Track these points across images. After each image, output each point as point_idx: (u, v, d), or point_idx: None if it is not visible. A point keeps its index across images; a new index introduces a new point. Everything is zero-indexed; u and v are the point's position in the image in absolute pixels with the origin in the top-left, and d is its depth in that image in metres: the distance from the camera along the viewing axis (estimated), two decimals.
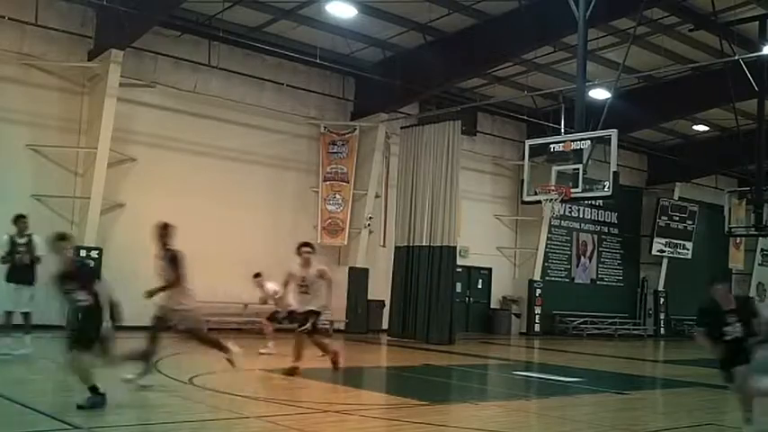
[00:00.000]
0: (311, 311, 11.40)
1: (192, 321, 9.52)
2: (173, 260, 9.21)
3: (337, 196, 21.68)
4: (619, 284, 30.16)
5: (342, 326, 21.34)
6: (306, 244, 11.78)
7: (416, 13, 18.66)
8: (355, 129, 21.91)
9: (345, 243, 21.73)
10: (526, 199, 16.06)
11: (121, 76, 17.39)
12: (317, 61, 19.18)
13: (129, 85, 17.90)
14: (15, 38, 16.88)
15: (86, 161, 17.59)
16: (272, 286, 14.54)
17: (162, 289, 9.21)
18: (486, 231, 25.67)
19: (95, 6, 17.49)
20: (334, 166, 21.81)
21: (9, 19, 16.63)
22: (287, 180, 21.25)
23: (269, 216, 20.42)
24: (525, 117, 24.76)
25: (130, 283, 9.96)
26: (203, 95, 19.39)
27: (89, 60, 17.70)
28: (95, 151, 17.16)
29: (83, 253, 16.58)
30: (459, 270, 22.60)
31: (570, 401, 10.95)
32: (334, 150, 21.85)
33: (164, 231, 9.44)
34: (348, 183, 21.73)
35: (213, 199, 19.28)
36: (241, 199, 19.85)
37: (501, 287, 26.46)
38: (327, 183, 21.74)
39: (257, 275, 15.03)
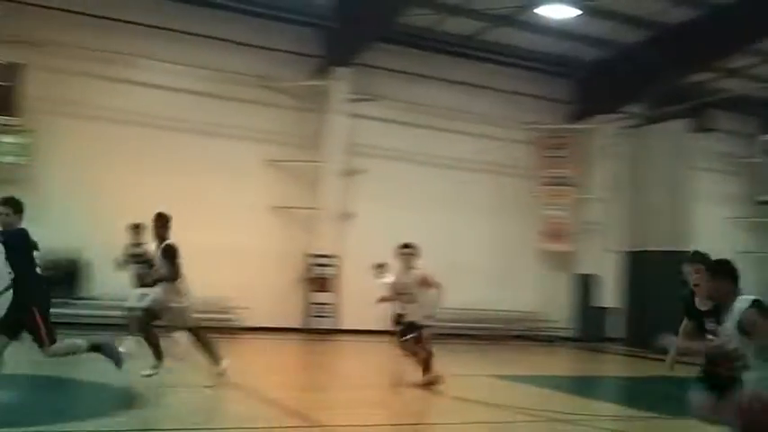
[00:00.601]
0: (412, 323, 9.84)
1: (186, 318, 8.99)
2: (168, 254, 8.85)
3: (559, 201, 21.28)
4: None
5: (568, 334, 20.91)
6: (405, 245, 10.09)
7: (635, 7, 17.90)
8: (576, 131, 21.43)
9: (570, 248, 21.26)
10: (763, 199, 14.90)
11: (347, 92, 18.37)
12: (534, 65, 18.99)
13: (356, 100, 18.78)
14: (252, 62, 18.20)
15: (318, 174, 18.63)
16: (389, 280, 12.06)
17: (155, 282, 8.88)
18: (721, 234, 24.00)
19: (321, 27, 18.58)
20: (555, 170, 21.44)
21: (245, 45, 18.04)
22: (506, 186, 21.11)
23: (490, 223, 20.43)
24: (762, 111, 22.98)
25: (364, 290, 10.38)
26: (424, 106, 19.83)
27: (317, 79, 18.74)
28: (326, 164, 18.25)
29: (319, 261, 18.00)
30: None
31: None
32: (555, 155, 21.48)
33: (160, 223, 9.00)
34: (570, 187, 21.28)
35: (437, 207, 19.64)
36: (462, 207, 20.05)
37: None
38: (548, 187, 21.42)
39: (380, 266, 12.83)
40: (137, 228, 11.38)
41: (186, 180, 17.16)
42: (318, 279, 18.14)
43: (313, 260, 18.27)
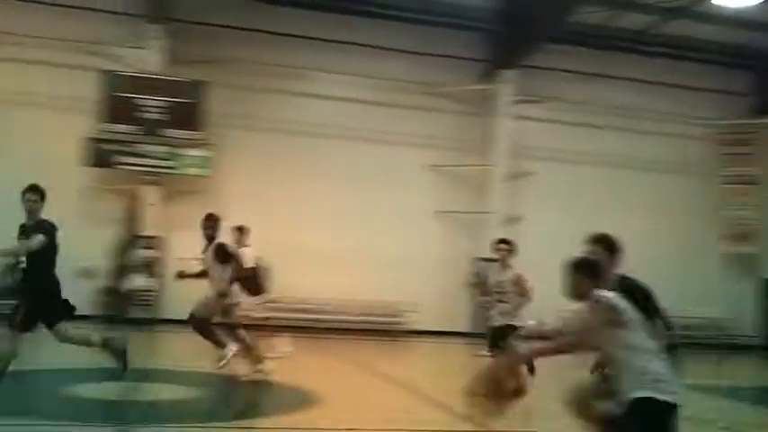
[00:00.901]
0: (510, 326, 8.65)
1: (210, 311, 8.99)
2: (221, 254, 8.81)
3: (743, 200, 20.01)
4: None
5: (754, 342, 19.63)
6: (502, 240, 9.59)
7: None
8: (760, 126, 20.07)
9: (756, 251, 19.92)
10: None
11: (513, 95, 18.24)
12: (711, 57, 18.07)
13: (522, 102, 18.58)
14: (417, 68, 18.48)
15: (484, 178, 18.60)
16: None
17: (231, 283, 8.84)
18: None
19: (486, 31, 18.55)
20: (738, 168, 20.19)
21: (411, 52, 18.30)
22: (682, 186, 20.05)
23: (664, 224, 19.48)
24: None
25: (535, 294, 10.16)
26: (594, 105, 19.29)
27: (482, 83, 18.71)
28: (492, 168, 18.19)
29: (480, 265, 17.63)
30: None
31: None
32: (737, 151, 20.23)
33: (209, 224, 8.94)
34: (756, 185, 19.96)
35: (608, 209, 18.87)
36: (634, 207, 19.23)
37: None
38: (730, 186, 20.20)
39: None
40: (240, 230, 11.25)
41: (354, 187, 17.78)
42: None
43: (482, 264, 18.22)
